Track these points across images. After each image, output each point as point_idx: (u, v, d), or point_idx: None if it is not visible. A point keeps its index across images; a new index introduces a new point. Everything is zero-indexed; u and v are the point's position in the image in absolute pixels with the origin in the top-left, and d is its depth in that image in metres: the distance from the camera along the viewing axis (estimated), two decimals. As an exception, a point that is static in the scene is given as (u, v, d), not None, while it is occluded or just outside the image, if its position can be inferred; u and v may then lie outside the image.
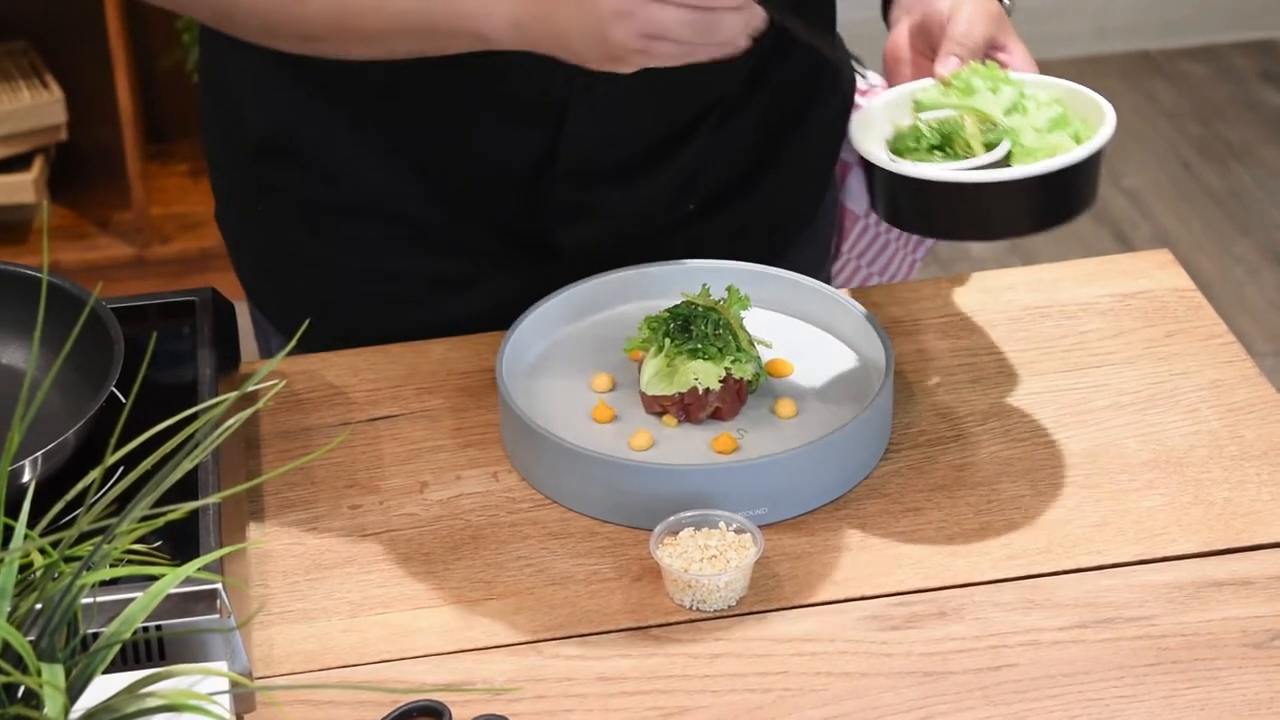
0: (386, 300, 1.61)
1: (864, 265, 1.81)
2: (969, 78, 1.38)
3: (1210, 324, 1.56)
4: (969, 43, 1.40)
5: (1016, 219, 1.37)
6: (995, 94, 1.37)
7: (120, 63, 3.07)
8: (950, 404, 1.48)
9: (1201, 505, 1.38)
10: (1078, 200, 1.36)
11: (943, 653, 1.26)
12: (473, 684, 1.25)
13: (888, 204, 1.38)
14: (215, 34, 1.58)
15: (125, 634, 1.00)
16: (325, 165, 1.56)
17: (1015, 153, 1.35)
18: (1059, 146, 1.34)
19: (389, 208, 1.57)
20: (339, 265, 1.60)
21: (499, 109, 1.50)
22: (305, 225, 1.60)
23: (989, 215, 1.35)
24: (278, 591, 1.32)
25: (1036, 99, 1.37)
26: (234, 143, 1.60)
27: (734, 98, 1.57)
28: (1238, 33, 4.14)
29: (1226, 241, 3.55)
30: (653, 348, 1.43)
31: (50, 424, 1.31)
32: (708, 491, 1.34)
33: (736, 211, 1.62)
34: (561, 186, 1.54)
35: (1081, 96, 1.40)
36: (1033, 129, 1.35)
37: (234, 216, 1.66)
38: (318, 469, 1.43)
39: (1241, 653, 1.26)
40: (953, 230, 1.41)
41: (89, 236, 3.25)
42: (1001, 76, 1.38)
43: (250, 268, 1.67)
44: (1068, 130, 1.36)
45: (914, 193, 1.35)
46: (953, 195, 1.34)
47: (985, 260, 3.49)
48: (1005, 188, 1.32)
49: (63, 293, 1.38)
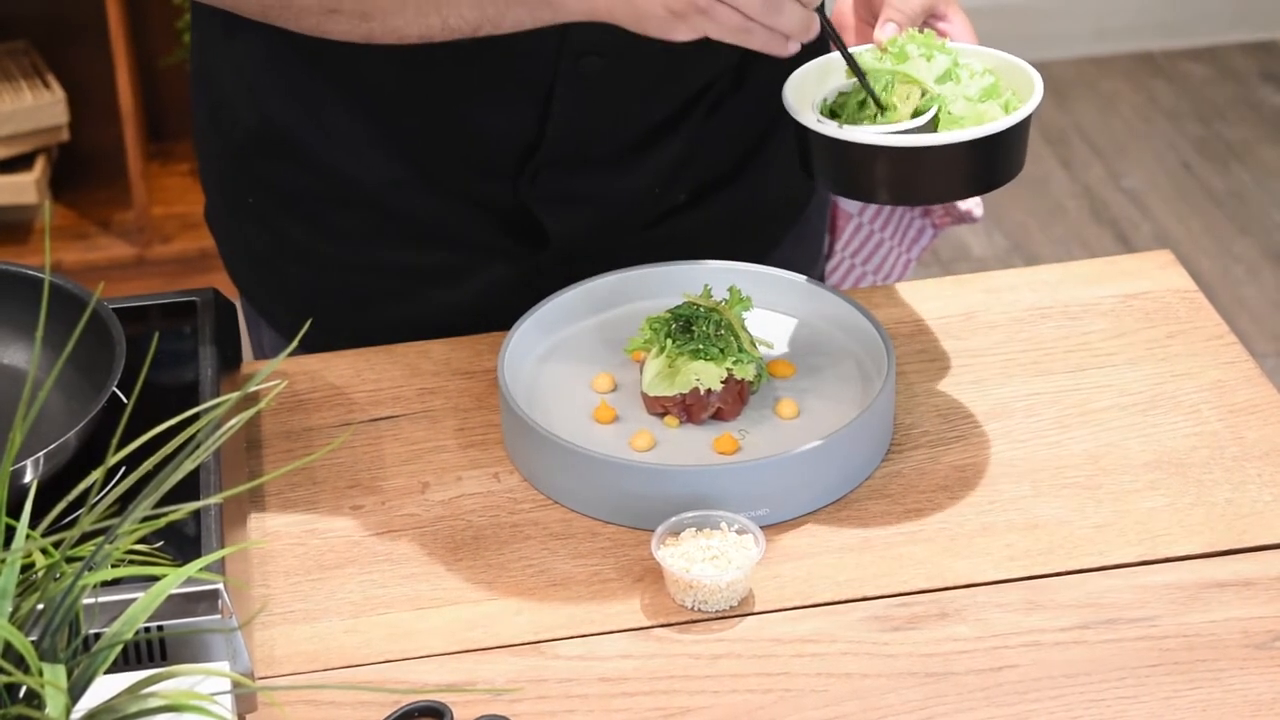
0: (379, 292, 1.61)
1: (858, 264, 1.81)
2: (905, 44, 1.39)
3: (1212, 325, 1.56)
4: (907, 9, 1.41)
5: (939, 184, 1.38)
6: (929, 61, 1.38)
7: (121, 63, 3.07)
8: (952, 405, 1.48)
9: (1203, 506, 1.38)
10: (1001, 169, 1.37)
11: (944, 653, 1.26)
12: (474, 684, 1.25)
13: (810, 164, 1.39)
14: (206, 28, 1.58)
15: (127, 634, 1.00)
16: (315, 157, 1.56)
17: (943, 120, 1.36)
18: (987, 116, 1.35)
19: (379, 198, 1.57)
20: (331, 258, 1.60)
21: (487, 89, 1.50)
22: (296, 218, 1.60)
23: (911, 179, 1.37)
24: (279, 592, 1.32)
25: (970, 68, 1.39)
26: (225, 137, 1.61)
27: (723, 88, 1.57)
28: (1238, 33, 4.14)
29: (1227, 242, 3.55)
30: (654, 348, 1.43)
31: (52, 424, 1.31)
32: (709, 492, 1.34)
33: (726, 204, 1.62)
34: (549, 173, 1.54)
35: (1015, 68, 1.41)
36: (964, 97, 1.36)
37: (225, 212, 1.66)
38: (319, 469, 1.43)
39: (1243, 654, 1.26)
40: (875, 193, 1.42)
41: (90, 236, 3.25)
42: (937, 45, 1.39)
43: (242, 263, 1.67)
44: (999, 100, 1.37)
45: (837, 155, 1.37)
46: (874, 158, 1.35)
47: (987, 261, 3.49)
48: (926, 153, 1.34)
49: (64, 293, 1.38)
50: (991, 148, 1.35)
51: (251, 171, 1.60)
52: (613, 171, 1.56)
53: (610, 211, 1.58)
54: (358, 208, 1.58)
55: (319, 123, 1.55)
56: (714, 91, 1.57)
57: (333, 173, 1.56)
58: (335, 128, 1.54)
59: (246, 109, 1.57)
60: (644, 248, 1.56)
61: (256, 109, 1.56)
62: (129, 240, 3.23)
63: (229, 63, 1.57)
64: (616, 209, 1.58)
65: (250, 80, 1.56)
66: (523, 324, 1.49)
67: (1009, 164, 1.38)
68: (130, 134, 3.14)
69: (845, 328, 1.50)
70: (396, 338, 1.56)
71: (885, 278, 1.81)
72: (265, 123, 1.56)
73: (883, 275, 1.81)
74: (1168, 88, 4.01)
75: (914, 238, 1.81)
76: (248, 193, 1.61)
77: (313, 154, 1.56)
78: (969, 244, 3.56)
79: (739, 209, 1.63)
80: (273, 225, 1.61)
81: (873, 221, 1.78)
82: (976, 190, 1.39)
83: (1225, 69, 4.06)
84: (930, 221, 1.80)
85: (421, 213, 1.57)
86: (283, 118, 1.55)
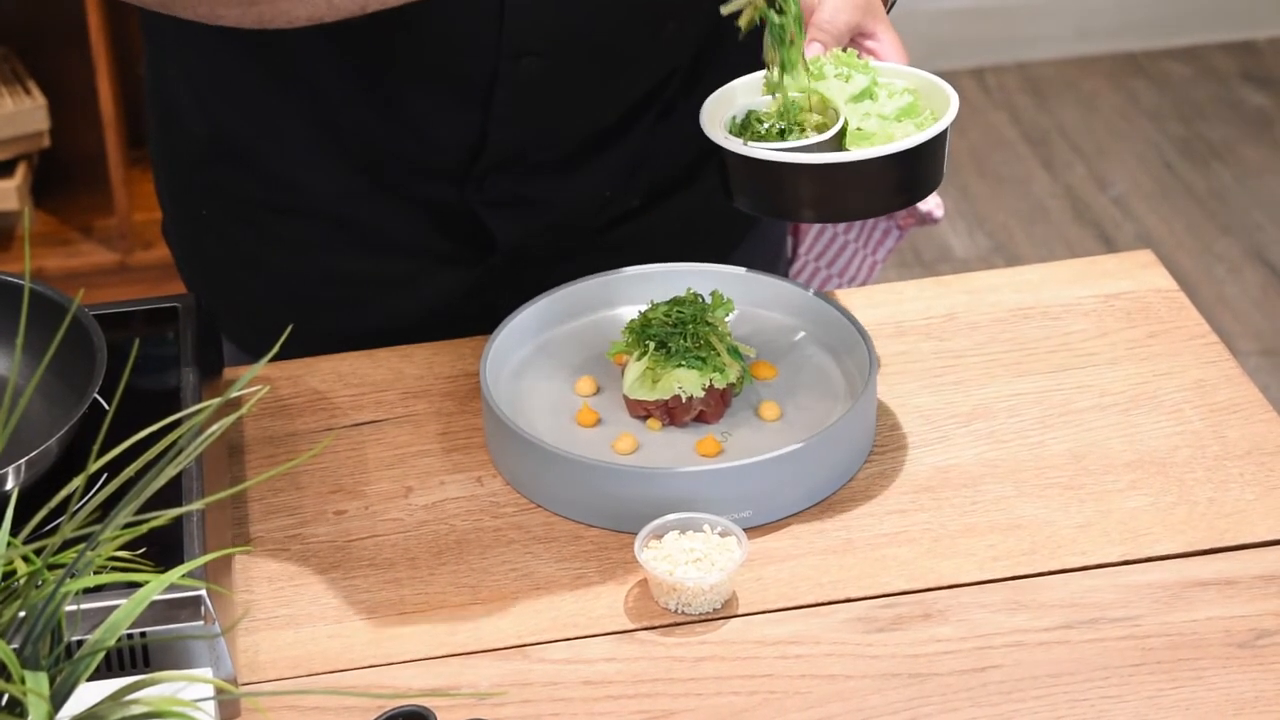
0: (336, 302, 1.61)
1: (823, 267, 1.81)
2: (822, 65, 1.39)
3: (1193, 324, 1.56)
4: (832, 29, 1.42)
5: (843, 201, 1.38)
6: (846, 81, 1.38)
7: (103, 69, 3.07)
8: (934, 406, 1.48)
9: (1185, 505, 1.38)
10: (910, 187, 1.38)
11: (928, 654, 1.26)
12: (458, 689, 1.25)
13: (723, 181, 1.40)
14: (155, 39, 1.58)
15: (109, 641, 0.99)
16: (266, 166, 1.56)
17: (850, 137, 1.37)
18: (899, 134, 1.36)
19: (330, 206, 1.57)
20: (286, 268, 1.60)
21: (428, 90, 1.50)
22: (251, 229, 1.60)
23: (819, 196, 1.37)
24: (262, 597, 1.32)
25: (891, 87, 1.40)
26: (178, 148, 1.61)
27: (674, 92, 1.57)
28: (1219, 33, 4.15)
29: (1208, 241, 3.56)
30: (635, 352, 1.43)
31: (33, 431, 1.31)
32: (692, 495, 1.34)
33: (681, 207, 1.62)
34: (496, 176, 1.54)
35: (935, 87, 1.42)
36: (878, 116, 1.37)
37: (181, 224, 1.67)
38: (302, 474, 1.43)
39: (1226, 652, 1.26)
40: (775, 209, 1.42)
41: (72, 243, 3.25)
42: (859, 65, 1.40)
43: (199, 276, 1.67)
44: (915, 119, 1.38)
45: (742, 171, 1.38)
46: (773, 174, 1.36)
47: (969, 262, 3.50)
48: (821, 170, 1.35)
49: (45, 300, 1.38)
50: (904, 162, 1.35)
51: (204, 182, 1.61)
52: (561, 175, 1.56)
53: (560, 216, 1.58)
54: (310, 218, 1.58)
55: (268, 131, 1.55)
56: (666, 94, 1.57)
57: (284, 181, 1.57)
58: (284, 135, 1.54)
59: (197, 119, 1.57)
60: (598, 252, 1.56)
61: (206, 119, 1.56)
62: (111, 246, 3.22)
63: (178, 74, 1.57)
64: (567, 213, 1.58)
65: (199, 90, 1.56)
66: (505, 327, 1.49)
67: (917, 182, 1.38)
68: (112, 140, 3.13)
69: (827, 329, 1.51)
70: (349, 347, 1.56)
71: (851, 280, 1.81)
72: (215, 132, 1.56)
73: (848, 278, 1.81)
74: (1149, 88, 4.01)
75: (879, 239, 1.81)
76: (202, 205, 1.62)
77: (263, 165, 1.56)
78: (951, 245, 3.57)
79: (694, 212, 1.63)
80: (228, 237, 1.62)
81: (837, 224, 1.79)
82: (881, 209, 1.40)
83: (1206, 68, 4.07)
84: (895, 223, 1.80)
85: (372, 219, 1.57)
86: (232, 127, 1.56)
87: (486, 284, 1.57)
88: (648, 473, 1.36)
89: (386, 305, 1.60)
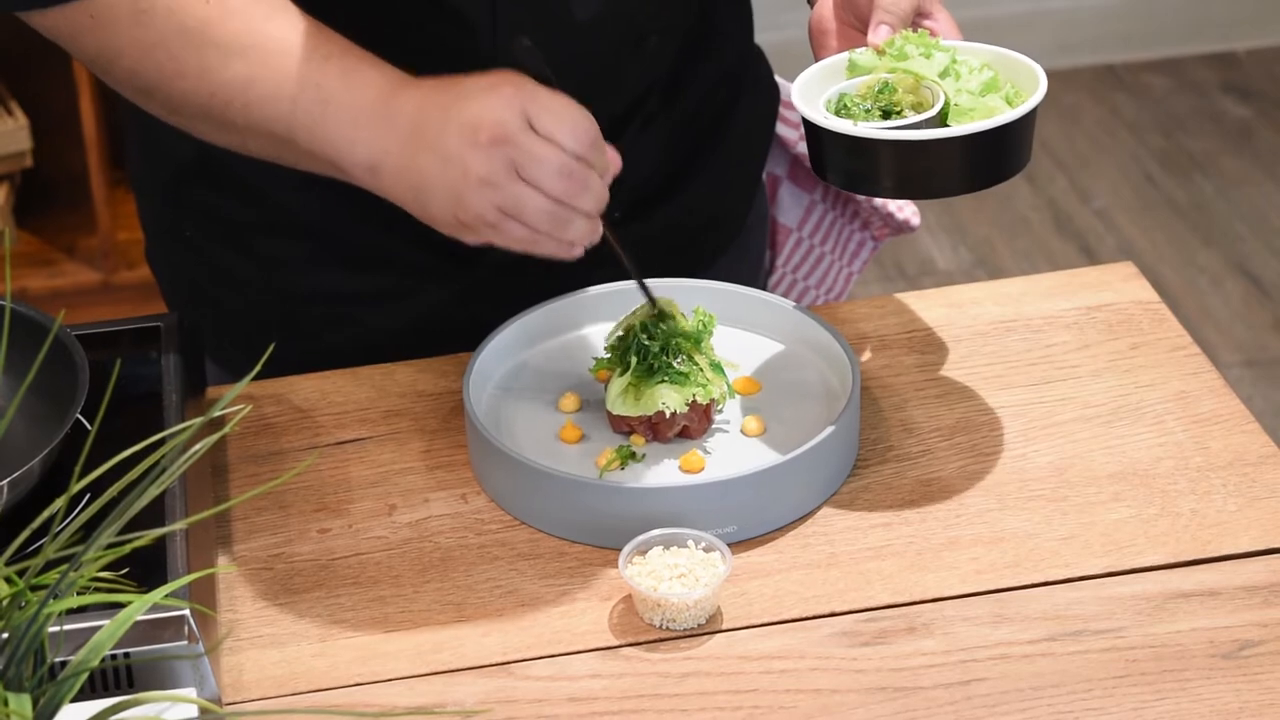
0: (319, 319, 1.61)
1: (800, 279, 1.81)
2: (902, 45, 1.40)
3: (1175, 336, 1.57)
4: (898, 10, 1.42)
5: (951, 177, 1.38)
6: (928, 59, 1.38)
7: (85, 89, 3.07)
8: (917, 419, 1.49)
9: (1168, 517, 1.38)
10: (1011, 161, 1.39)
11: (912, 668, 1.27)
12: (444, 706, 1.25)
13: (823, 163, 1.40)
14: None
15: (93, 662, 0.99)
16: (247, 184, 1.56)
17: (951, 114, 1.37)
18: (993, 109, 1.37)
19: (312, 224, 1.57)
20: (268, 287, 1.60)
21: None
22: (233, 247, 1.60)
23: (926, 173, 1.37)
24: (246, 616, 1.32)
25: (968, 64, 1.40)
26: (160, 168, 1.61)
27: (654, 104, 1.57)
28: (1198, 45, 4.16)
29: (1190, 253, 3.56)
30: (618, 368, 1.43)
31: (15, 452, 1.31)
32: (676, 511, 1.34)
33: (659, 220, 1.62)
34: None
35: (1011, 61, 1.42)
36: (966, 92, 1.37)
37: (163, 245, 1.66)
38: (286, 493, 1.43)
39: (1209, 664, 1.26)
40: (890, 188, 1.42)
41: (55, 263, 3.24)
42: (933, 43, 1.40)
43: (182, 296, 1.67)
44: (1000, 93, 1.38)
45: (852, 151, 1.37)
46: (888, 153, 1.36)
47: (952, 275, 3.50)
48: (941, 146, 1.34)
49: (27, 320, 1.37)
50: (1004, 138, 1.36)
51: (187, 203, 1.61)
52: None
53: None
54: (292, 235, 1.58)
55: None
56: (646, 108, 1.57)
57: (265, 201, 1.56)
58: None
59: (178, 141, 1.57)
60: (579, 265, 1.56)
61: (186, 139, 1.56)
62: (94, 266, 3.22)
63: None
64: None
65: None
66: (488, 345, 1.49)
67: (1021, 155, 1.39)
68: (94, 160, 3.13)
69: (809, 343, 1.51)
70: (332, 364, 1.56)
71: (828, 291, 1.81)
72: (197, 154, 1.56)
73: (825, 289, 1.81)
74: (1130, 100, 4.02)
75: (854, 251, 1.81)
76: (184, 224, 1.62)
77: (245, 183, 1.56)
78: (933, 258, 3.57)
79: (674, 225, 1.63)
80: (210, 256, 1.62)
81: (812, 236, 1.79)
82: (985, 183, 1.39)
83: (1186, 80, 4.08)
84: (870, 234, 1.80)
85: (354, 236, 1.57)
86: (212, 146, 1.55)
87: (469, 298, 1.57)
88: (631, 489, 1.36)
89: (369, 321, 1.60)
